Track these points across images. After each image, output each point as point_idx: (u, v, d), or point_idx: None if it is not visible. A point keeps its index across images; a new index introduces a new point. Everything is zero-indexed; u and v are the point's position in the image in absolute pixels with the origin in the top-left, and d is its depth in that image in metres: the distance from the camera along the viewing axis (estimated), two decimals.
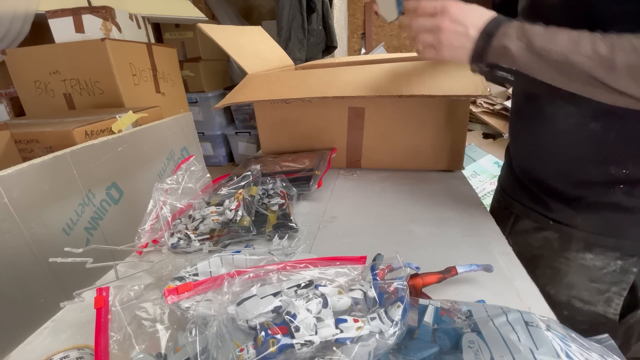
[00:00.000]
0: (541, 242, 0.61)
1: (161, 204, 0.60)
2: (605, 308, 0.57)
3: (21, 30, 1.35)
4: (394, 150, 0.89)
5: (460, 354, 0.30)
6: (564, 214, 0.57)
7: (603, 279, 0.55)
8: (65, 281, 0.78)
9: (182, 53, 2.43)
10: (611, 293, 0.55)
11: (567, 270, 0.58)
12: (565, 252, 0.58)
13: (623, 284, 0.54)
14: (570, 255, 0.57)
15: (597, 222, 0.54)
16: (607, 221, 0.53)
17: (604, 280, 0.55)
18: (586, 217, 0.55)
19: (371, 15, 3.77)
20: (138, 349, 0.37)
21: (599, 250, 0.54)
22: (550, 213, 0.59)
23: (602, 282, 0.55)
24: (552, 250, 0.59)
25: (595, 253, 0.55)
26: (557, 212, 0.58)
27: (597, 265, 0.55)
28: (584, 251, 0.56)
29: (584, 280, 0.57)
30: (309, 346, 0.29)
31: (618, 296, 0.55)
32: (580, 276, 0.57)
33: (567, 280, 0.58)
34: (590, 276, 0.56)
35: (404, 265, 0.41)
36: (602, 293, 0.56)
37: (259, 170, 0.72)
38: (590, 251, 0.55)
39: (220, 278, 0.37)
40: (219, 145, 2.67)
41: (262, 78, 0.90)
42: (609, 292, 0.55)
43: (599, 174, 0.52)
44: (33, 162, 0.75)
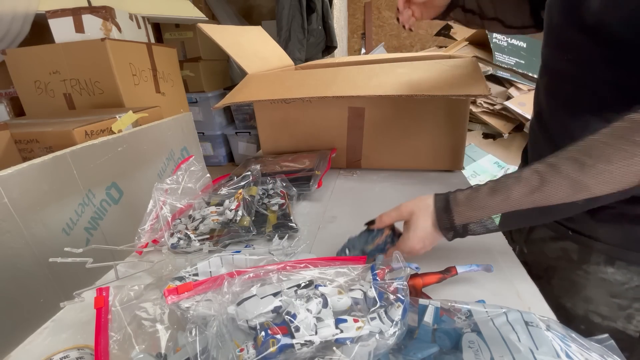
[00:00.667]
0: (558, 253, 0.58)
1: (161, 204, 0.60)
2: (625, 324, 0.54)
3: (21, 30, 1.35)
4: (394, 150, 0.89)
5: (460, 354, 0.30)
6: (585, 224, 0.54)
7: (625, 294, 0.52)
8: (65, 281, 0.78)
9: (182, 53, 2.43)
10: (633, 309, 0.53)
11: (585, 284, 0.55)
12: (584, 265, 0.55)
13: None
14: (590, 268, 0.54)
15: (621, 234, 0.51)
16: (631, 234, 0.50)
17: (626, 296, 0.53)
18: (608, 229, 0.52)
19: (371, 15, 3.77)
20: (138, 349, 0.37)
21: (622, 264, 0.52)
22: (570, 223, 0.56)
23: (624, 298, 0.53)
24: (570, 262, 0.57)
25: (617, 267, 0.52)
26: (577, 222, 0.55)
27: (618, 279, 0.52)
28: (605, 265, 0.53)
29: (604, 295, 0.54)
30: (309, 346, 0.29)
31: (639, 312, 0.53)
32: (599, 290, 0.54)
33: (585, 294, 0.56)
34: (611, 291, 0.53)
35: (404, 265, 0.41)
36: (623, 309, 0.53)
37: (259, 170, 0.72)
38: (612, 265, 0.52)
39: (220, 278, 0.37)
40: (219, 145, 2.67)
41: (262, 78, 0.90)
42: (630, 308, 0.53)
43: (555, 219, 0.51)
44: (33, 162, 0.75)
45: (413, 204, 0.49)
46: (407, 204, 0.50)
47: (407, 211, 0.49)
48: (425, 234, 0.47)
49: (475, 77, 0.69)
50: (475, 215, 0.45)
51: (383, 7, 3.79)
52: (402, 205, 0.50)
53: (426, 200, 0.49)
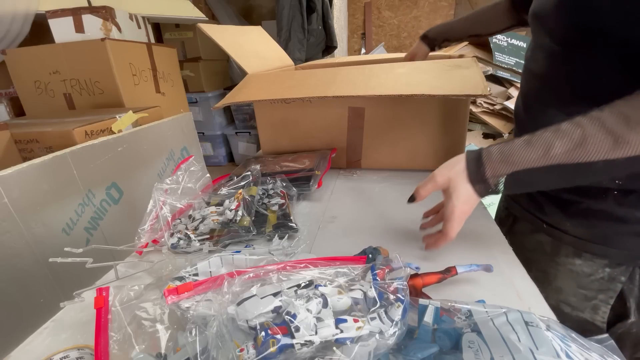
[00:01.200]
0: (534, 245, 0.61)
1: (161, 204, 0.60)
2: (592, 315, 0.56)
3: (21, 30, 1.35)
4: (394, 150, 0.89)
5: (460, 354, 0.30)
6: (556, 217, 0.57)
7: (590, 285, 0.55)
8: (65, 281, 0.78)
9: (182, 53, 2.43)
10: (598, 300, 0.55)
11: (556, 274, 0.58)
12: (555, 257, 0.58)
13: (610, 292, 0.54)
14: (560, 260, 0.57)
15: (587, 228, 0.54)
16: (596, 228, 0.53)
17: (591, 287, 0.55)
18: (576, 222, 0.55)
19: (371, 15, 3.77)
20: (138, 349, 0.37)
21: (588, 256, 0.54)
22: (544, 216, 0.59)
23: (590, 289, 0.55)
24: (544, 254, 0.59)
25: (584, 259, 0.55)
26: (550, 215, 0.58)
27: (585, 271, 0.55)
28: (573, 256, 0.56)
29: (572, 286, 0.57)
30: (309, 346, 0.29)
31: (605, 304, 0.55)
32: (568, 281, 0.57)
33: (556, 284, 0.58)
34: (578, 282, 0.56)
35: (404, 265, 0.41)
36: (589, 300, 0.56)
37: (259, 170, 0.72)
38: (579, 257, 0.55)
39: (220, 278, 0.37)
40: (219, 145, 2.67)
41: (262, 78, 0.90)
42: (595, 299, 0.55)
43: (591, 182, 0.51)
44: (33, 162, 0.75)
45: (447, 170, 0.47)
46: (441, 171, 0.48)
47: (443, 180, 0.48)
48: (468, 196, 0.46)
49: (475, 77, 0.69)
50: (507, 169, 0.43)
51: (383, 7, 3.79)
52: (437, 174, 0.48)
53: (459, 162, 0.47)
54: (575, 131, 0.39)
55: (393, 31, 3.82)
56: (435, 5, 3.69)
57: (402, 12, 3.79)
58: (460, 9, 3.62)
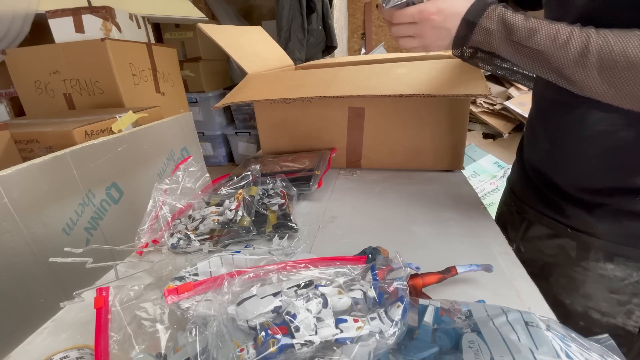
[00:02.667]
0: (556, 250, 0.59)
1: (160, 204, 0.60)
2: (624, 320, 0.54)
3: (21, 30, 1.35)
4: (394, 150, 0.89)
5: (460, 354, 0.30)
6: (582, 221, 0.54)
7: (624, 290, 0.53)
8: (65, 281, 0.78)
9: (182, 53, 2.43)
10: (632, 305, 0.53)
11: (584, 280, 0.55)
12: (583, 262, 0.55)
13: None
14: (589, 265, 0.55)
15: (619, 231, 0.51)
16: (630, 230, 0.50)
17: (625, 292, 0.53)
18: (607, 225, 0.52)
19: (371, 15, 3.77)
20: (138, 349, 0.37)
21: (620, 260, 0.52)
22: (567, 220, 0.56)
23: (623, 294, 0.53)
24: (568, 259, 0.57)
25: (616, 263, 0.52)
26: (574, 219, 0.55)
27: (617, 275, 0.53)
28: (604, 261, 0.53)
29: (603, 291, 0.54)
30: (309, 346, 0.29)
31: (639, 308, 0.53)
32: (598, 286, 0.55)
33: (583, 291, 0.56)
34: (610, 287, 0.54)
35: (404, 265, 0.41)
36: (622, 305, 0.54)
37: (258, 170, 0.72)
38: (610, 261, 0.53)
39: (220, 278, 0.37)
40: (219, 145, 2.67)
41: (262, 78, 0.90)
42: (630, 303, 0.53)
43: (623, 183, 0.49)
44: (33, 162, 0.75)
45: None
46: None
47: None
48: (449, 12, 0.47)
49: (475, 77, 0.69)
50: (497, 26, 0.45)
51: None
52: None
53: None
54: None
55: None
56: None
57: None
58: None
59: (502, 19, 0.45)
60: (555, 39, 0.41)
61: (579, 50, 0.40)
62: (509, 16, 0.45)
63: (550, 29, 0.42)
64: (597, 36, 0.39)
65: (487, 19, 0.45)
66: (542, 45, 0.42)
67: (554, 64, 0.42)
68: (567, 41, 0.41)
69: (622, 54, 0.38)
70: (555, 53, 0.42)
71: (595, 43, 0.39)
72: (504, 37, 0.45)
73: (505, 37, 0.45)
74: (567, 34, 0.41)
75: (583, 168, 0.53)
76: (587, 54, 0.39)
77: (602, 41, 0.39)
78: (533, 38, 0.43)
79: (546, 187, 0.59)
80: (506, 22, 0.44)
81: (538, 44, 0.42)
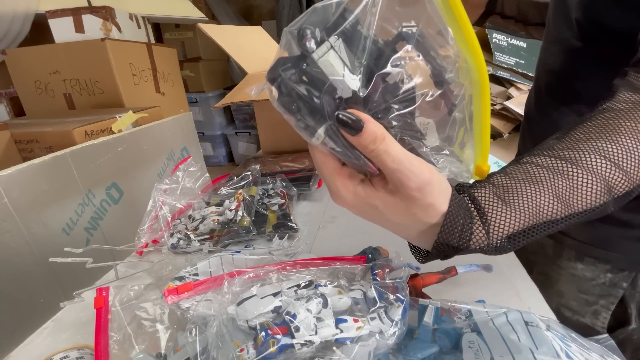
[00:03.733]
0: (536, 248, 0.60)
1: (160, 204, 0.60)
2: (592, 320, 0.56)
3: (21, 30, 1.35)
4: None
5: (460, 354, 0.30)
6: None
7: (592, 290, 0.54)
8: (65, 281, 0.78)
9: (182, 53, 2.43)
10: (599, 306, 0.54)
11: (558, 278, 0.57)
12: (557, 260, 0.57)
13: (611, 298, 0.53)
14: (562, 263, 0.56)
15: (590, 232, 0.52)
16: (599, 232, 0.52)
17: (593, 292, 0.54)
18: (580, 226, 0.52)
19: None
20: (138, 349, 0.37)
21: (590, 261, 0.53)
22: None
23: (591, 294, 0.54)
24: (546, 257, 0.59)
25: (586, 263, 0.54)
26: None
27: (586, 275, 0.54)
28: (575, 260, 0.55)
29: (573, 290, 0.56)
30: (309, 346, 0.29)
31: (606, 309, 0.54)
32: (569, 285, 0.56)
33: (557, 288, 0.58)
34: (580, 286, 0.55)
35: (404, 265, 0.41)
36: (590, 305, 0.55)
37: (258, 170, 0.72)
38: (581, 261, 0.54)
39: (220, 278, 0.37)
40: (219, 145, 2.67)
41: (262, 78, 0.90)
42: (596, 304, 0.54)
43: None
44: (33, 162, 0.75)
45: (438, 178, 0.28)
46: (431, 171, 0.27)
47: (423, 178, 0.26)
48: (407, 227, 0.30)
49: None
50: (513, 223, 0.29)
51: None
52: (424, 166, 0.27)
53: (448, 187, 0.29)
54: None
55: None
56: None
57: None
58: None
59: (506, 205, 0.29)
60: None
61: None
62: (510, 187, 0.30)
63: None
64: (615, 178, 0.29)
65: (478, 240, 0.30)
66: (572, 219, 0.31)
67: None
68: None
69: None
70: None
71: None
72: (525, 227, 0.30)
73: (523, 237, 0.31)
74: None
75: None
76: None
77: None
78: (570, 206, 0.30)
79: None
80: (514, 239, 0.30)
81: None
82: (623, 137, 0.29)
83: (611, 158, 0.29)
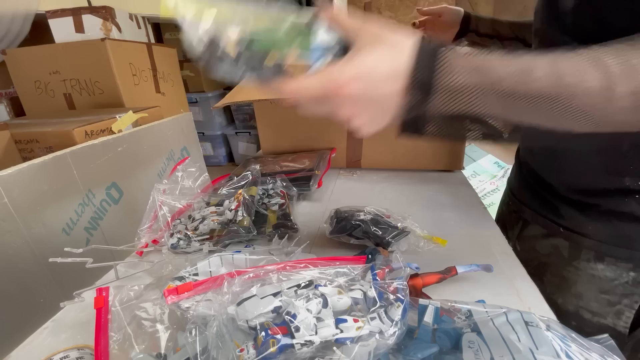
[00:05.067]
0: (549, 250, 0.59)
1: (160, 204, 0.60)
2: (615, 320, 0.54)
3: (21, 30, 1.35)
4: (394, 150, 0.89)
5: (460, 354, 0.30)
6: (575, 221, 0.54)
7: (614, 290, 0.53)
8: (65, 281, 0.78)
9: (182, 53, 2.42)
10: (622, 305, 0.53)
11: (576, 280, 0.56)
12: (574, 261, 0.56)
13: (635, 297, 0.52)
14: (580, 265, 0.55)
15: (610, 231, 0.51)
16: (620, 231, 0.50)
17: (615, 292, 0.53)
18: (598, 225, 0.52)
19: (371, 15, 3.77)
20: (138, 349, 0.37)
21: (611, 260, 0.52)
22: (561, 220, 0.56)
23: (613, 294, 0.53)
24: (561, 259, 0.57)
25: (607, 263, 0.52)
26: (568, 219, 0.55)
27: (608, 276, 0.53)
28: (594, 261, 0.53)
29: (594, 291, 0.55)
30: (309, 346, 0.29)
31: (629, 309, 0.53)
32: (589, 286, 0.55)
33: (575, 290, 0.56)
34: (601, 287, 0.54)
35: (404, 265, 0.41)
36: (612, 305, 0.54)
37: (258, 170, 0.72)
38: (601, 261, 0.53)
39: (220, 278, 0.37)
40: (219, 145, 2.67)
41: None
42: (620, 304, 0.53)
43: (613, 184, 0.49)
44: (33, 162, 0.75)
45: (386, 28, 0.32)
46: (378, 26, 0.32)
47: (372, 30, 0.32)
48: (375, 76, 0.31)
49: None
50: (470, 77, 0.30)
51: (383, 7, 3.79)
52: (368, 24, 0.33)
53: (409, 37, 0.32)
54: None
55: None
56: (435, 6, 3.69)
57: (402, 12, 3.79)
58: None
59: (472, 65, 0.31)
60: (559, 76, 0.30)
61: (597, 78, 0.30)
62: (479, 58, 0.31)
63: (545, 62, 0.31)
64: (610, 54, 0.30)
65: (446, 71, 0.31)
66: (547, 87, 0.30)
67: (571, 106, 0.31)
68: (578, 73, 0.30)
69: None
70: (569, 92, 0.30)
71: (613, 63, 0.30)
72: (484, 90, 0.31)
73: (488, 90, 0.31)
74: (572, 64, 0.30)
75: (573, 169, 0.54)
76: (611, 82, 0.29)
77: (621, 60, 0.29)
78: (530, 81, 0.30)
79: (541, 187, 0.60)
80: (481, 68, 0.31)
81: (540, 87, 0.30)
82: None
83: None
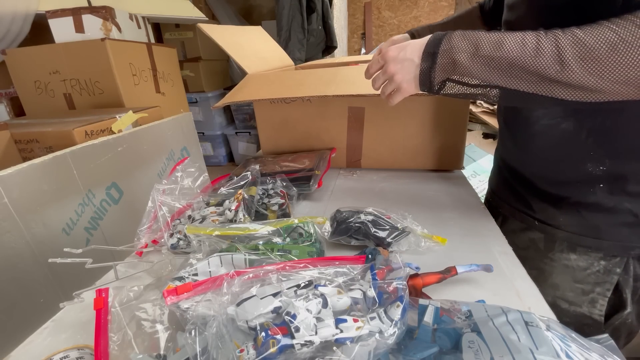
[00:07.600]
0: (527, 243, 0.61)
1: (159, 204, 0.60)
2: (590, 309, 0.57)
3: (21, 30, 1.35)
4: (394, 150, 0.89)
5: (460, 354, 0.30)
6: (548, 213, 0.57)
7: (587, 279, 0.55)
8: (65, 281, 0.78)
9: (182, 53, 2.42)
10: (595, 294, 0.56)
11: (552, 271, 0.58)
12: (549, 253, 0.58)
13: (607, 285, 0.54)
14: (555, 256, 0.57)
15: (579, 222, 0.54)
16: (588, 221, 0.53)
17: (588, 281, 0.55)
18: (568, 217, 0.55)
19: (371, 15, 3.77)
20: (137, 350, 0.37)
21: (582, 250, 0.54)
22: (535, 213, 0.59)
23: (586, 283, 0.56)
24: (538, 251, 0.60)
25: (579, 253, 0.55)
26: (540, 212, 0.58)
27: (580, 265, 0.55)
28: (567, 251, 0.56)
29: (568, 281, 0.57)
30: (309, 346, 0.29)
31: (602, 297, 0.55)
32: (564, 277, 0.57)
33: (551, 281, 0.59)
34: (574, 277, 0.56)
35: (403, 265, 0.41)
36: (586, 294, 0.56)
37: (258, 170, 0.72)
38: (573, 251, 0.55)
39: (220, 278, 0.37)
40: (219, 145, 2.67)
41: (262, 78, 0.90)
42: (593, 292, 0.56)
43: (578, 173, 0.52)
44: (33, 162, 0.75)
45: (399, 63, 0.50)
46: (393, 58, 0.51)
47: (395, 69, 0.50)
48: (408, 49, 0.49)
49: None
50: (461, 42, 0.44)
51: (383, 7, 3.79)
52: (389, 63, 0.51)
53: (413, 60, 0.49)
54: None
55: (393, 31, 3.81)
56: (435, 5, 3.69)
57: (402, 12, 3.79)
58: (461, 9, 3.62)
59: (463, 36, 0.44)
60: (523, 44, 0.40)
61: (551, 49, 0.39)
62: (470, 33, 0.44)
63: (515, 36, 0.41)
64: (563, 33, 0.39)
65: (447, 41, 0.45)
66: (514, 52, 0.41)
67: (532, 69, 0.40)
68: (537, 44, 0.40)
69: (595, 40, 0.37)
70: (529, 57, 0.40)
71: (564, 38, 0.39)
72: (470, 53, 0.43)
73: (473, 54, 0.43)
74: (534, 38, 0.40)
75: (540, 162, 0.57)
76: (561, 51, 0.38)
77: (570, 36, 0.39)
78: (502, 48, 0.41)
79: (516, 182, 0.63)
80: (469, 38, 0.44)
81: (509, 52, 0.41)
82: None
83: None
